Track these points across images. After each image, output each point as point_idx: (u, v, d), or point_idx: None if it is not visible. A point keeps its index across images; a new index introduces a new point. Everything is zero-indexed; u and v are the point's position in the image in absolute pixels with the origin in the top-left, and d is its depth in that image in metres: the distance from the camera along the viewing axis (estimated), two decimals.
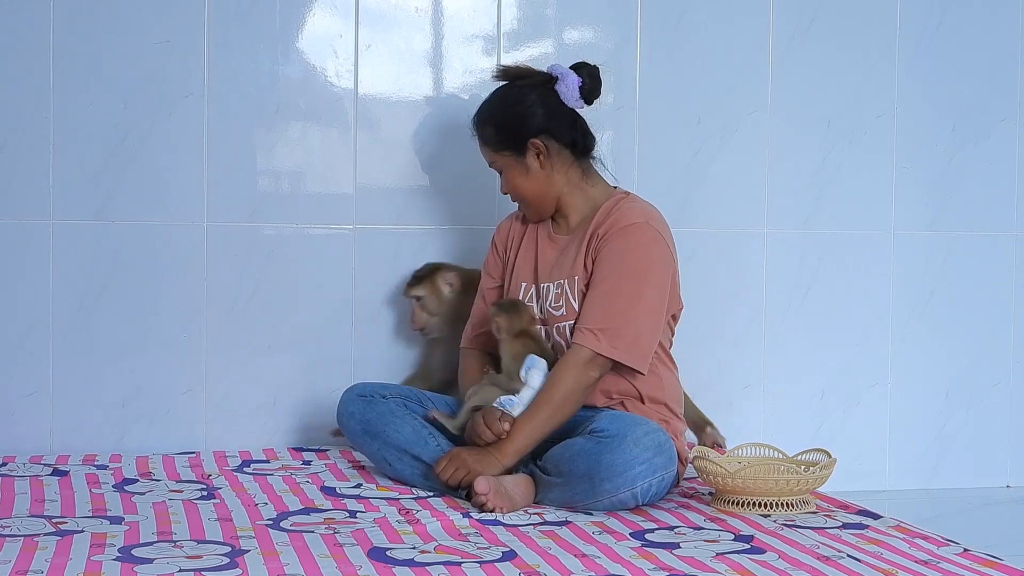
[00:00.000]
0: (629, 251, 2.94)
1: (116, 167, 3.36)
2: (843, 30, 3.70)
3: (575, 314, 2.98)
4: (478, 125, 3.12)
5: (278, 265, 3.46)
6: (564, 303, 3.01)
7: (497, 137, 3.07)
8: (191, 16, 3.38)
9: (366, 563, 2.34)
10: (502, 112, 3.07)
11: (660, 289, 2.95)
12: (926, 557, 2.48)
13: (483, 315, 3.17)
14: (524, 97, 3.06)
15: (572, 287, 3.00)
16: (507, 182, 3.10)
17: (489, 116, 3.09)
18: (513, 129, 3.05)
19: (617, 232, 2.96)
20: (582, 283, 2.99)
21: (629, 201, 3.04)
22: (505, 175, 3.10)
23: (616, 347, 2.90)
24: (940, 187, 3.78)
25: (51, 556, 2.35)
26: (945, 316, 3.80)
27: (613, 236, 2.96)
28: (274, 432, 3.45)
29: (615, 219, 2.98)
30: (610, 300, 2.91)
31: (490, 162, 3.13)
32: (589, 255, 2.99)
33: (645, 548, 2.51)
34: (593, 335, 2.90)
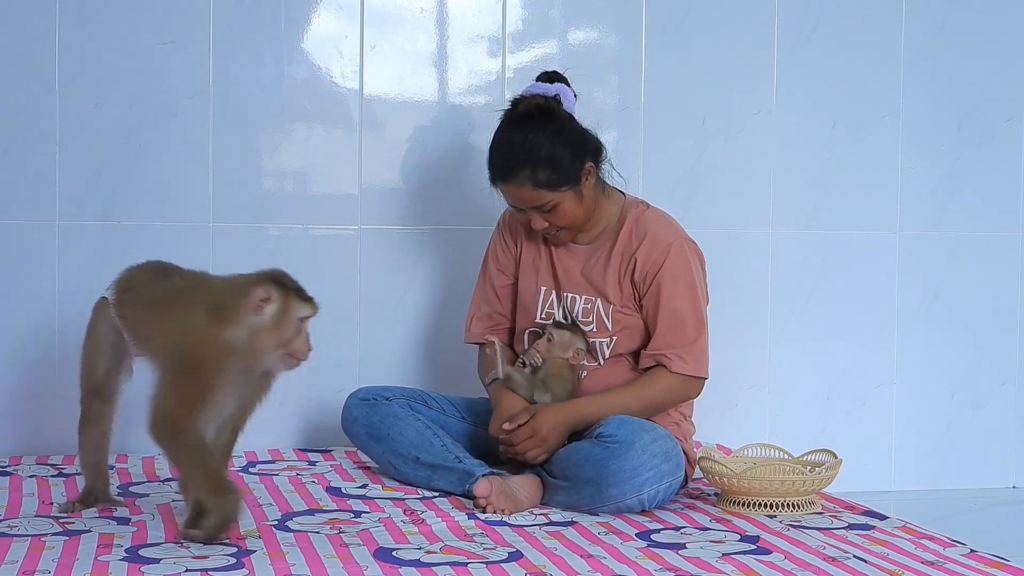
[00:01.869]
0: (679, 271, 2.95)
1: (121, 168, 3.37)
2: (848, 30, 3.69)
3: (607, 333, 2.99)
4: (525, 169, 2.87)
5: (283, 265, 3.40)
6: (595, 320, 3.01)
7: (554, 176, 2.88)
8: (196, 17, 3.38)
9: (372, 563, 2.34)
10: (558, 150, 2.90)
11: (705, 301, 3.02)
12: (932, 558, 2.47)
13: (493, 308, 3.16)
14: (568, 126, 2.93)
15: (606, 308, 3.00)
16: (558, 217, 2.93)
17: (543, 157, 2.88)
18: (569, 161, 2.91)
19: (660, 254, 2.95)
20: (618, 307, 2.99)
21: (650, 215, 3.03)
22: (556, 211, 2.92)
23: (700, 364, 2.96)
24: (945, 187, 3.78)
25: (58, 556, 2.35)
26: (951, 316, 3.80)
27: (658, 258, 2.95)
28: (280, 433, 3.45)
29: (651, 242, 2.97)
30: (682, 321, 2.94)
31: (539, 204, 2.91)
32: (625, 278, 2.99)
33: (651, 549, 2.51)
34: (680, 358, 2.94)
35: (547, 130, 2.91)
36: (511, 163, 2.90)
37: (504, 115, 2.98)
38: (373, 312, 3.51)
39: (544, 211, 2.93)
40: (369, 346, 3.51)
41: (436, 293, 3.54)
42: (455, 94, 3.56)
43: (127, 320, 2.63)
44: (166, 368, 2.48)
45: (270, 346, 2.46)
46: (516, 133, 2.92)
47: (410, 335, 3.53)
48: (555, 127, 2.92)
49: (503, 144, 2.94)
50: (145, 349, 2.60)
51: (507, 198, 2.98)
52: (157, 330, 2.54)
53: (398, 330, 3.53)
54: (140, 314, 2.61)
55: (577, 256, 3.06)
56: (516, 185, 2.91)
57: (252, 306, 2.45)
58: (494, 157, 2.96)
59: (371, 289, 3.51)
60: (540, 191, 2.90)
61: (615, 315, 2.99)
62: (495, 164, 2.95)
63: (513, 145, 2.91)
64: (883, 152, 3.73)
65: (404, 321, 3.52)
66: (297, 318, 2.47)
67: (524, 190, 2.91)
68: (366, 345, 3.50)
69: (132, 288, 2.66)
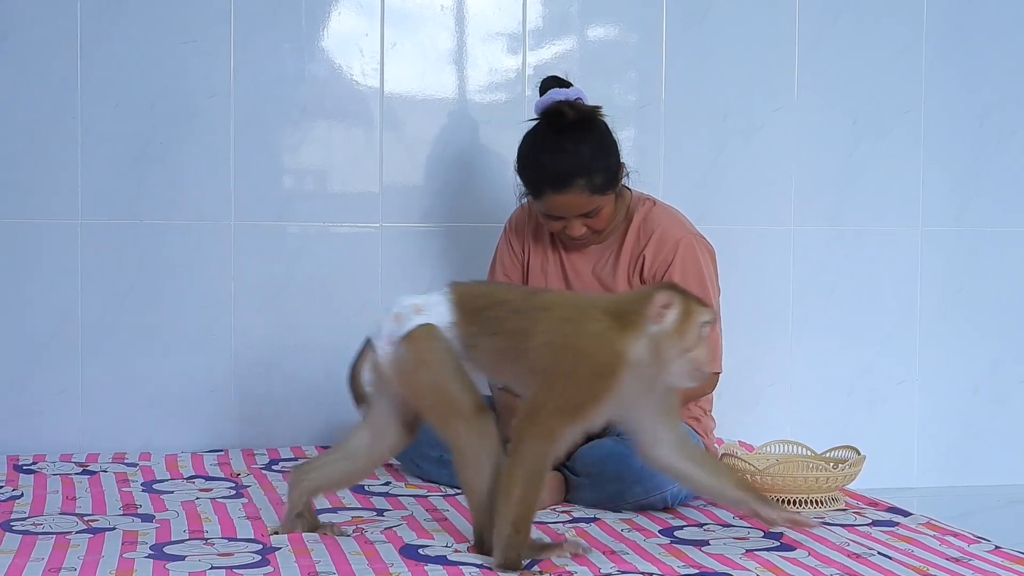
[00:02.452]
0: (688, 267, 2.94)
1: (143, 167, 3.37)
2: (869, 25, 3.68)
3: None
4: (584, 176, 2.85)
5: (304, 264, 3.47)
6: None
7: (605, 181, 2.88)
8: (217, 16, 3.39)
9: (398, 560, 2.34)
10: (608, 153, 2.89)
11: (716, 294, 3.00)
12: (957, 555, 2.47)
13: None
14: (607, 129, 2.93)
15: None
16: (598, 221, 2.93)
17: (600, 163, 2.87)
18: (616, 165, 2.92)
19: (669, 251, 2.94)
20: None
21: (658, 212, 3.02)
22: (597, 215, 2.91)
23: (714, 359, 2.93)
24: (967, 183, 3.76)
25: (83, 554, 2.36)
26: (973, 312, 3.79)
27: (667, 256, 2.94)
28: (302, 430, 3.46)
29: (659, 239, 2.96)
30: None
31: (588, 211, 2.90)
32: (635, 275, 2.98)
33: (674, 545, 2.50)
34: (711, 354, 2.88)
35: (595, 135, 2.90)
36: (567, 172, 2.85)
37: (544, 125, 2.92)
38: None
39: (589, 217, 2.92)
40: None
41: None
42: (475, 91, 3.56)
43: (484, 335, 2.42)
44: (549, 371, 2.33)
45: (674, 355, 2.33)
46: (567, 141, 2.87)
47: None
48: (600, 131, 2.92)
49: (554, 154, 2.87)
50: (513, 361, 2.41)
51: (553, 208, 2.91)
52: (540, 335, 2.36)
53: None
54: (513, 324, 2.40)
55: (587, 257, 3.06)
56: (573, 194, 2.86)
57: (654, 313, 2.32)
58: (544, 167, 2.88)
59: (392, 287, 3.51)
60: (594, 197, 2.88)
61: None
62: (547, 174, 2.87)
63: (567, 154, 2.86)
64: (904, 148, 3.72)
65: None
66: (700, 323, 2.36)
67: (580, 198, 2.87)
68: None
69: (491, 304, 2.44)
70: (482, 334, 2.41)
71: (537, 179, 2.89)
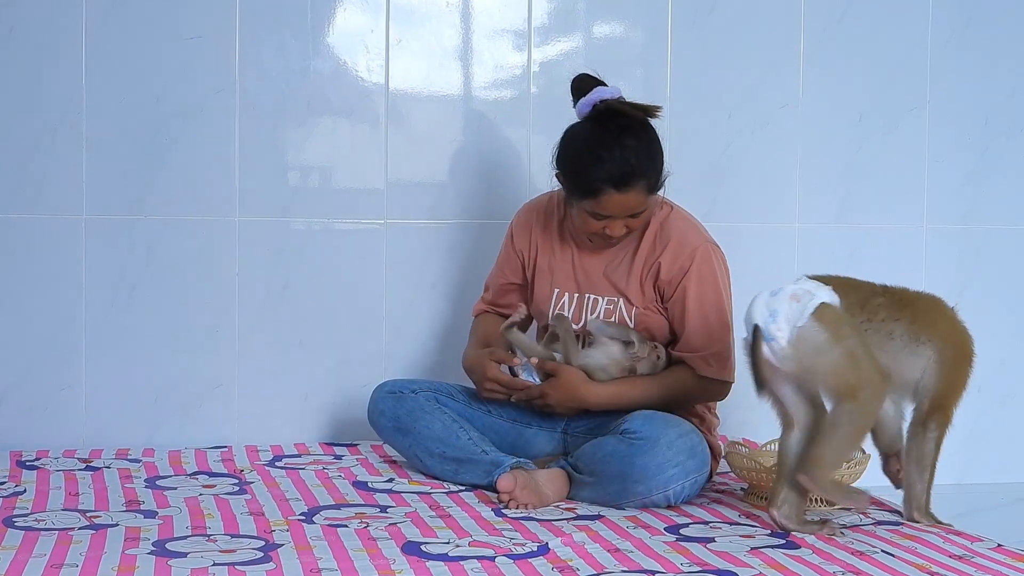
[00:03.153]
0: (705, 276, 2.96)
1: (148, 162, 3.37)
2: (875, 23, 3.68)
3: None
4: (645, 178, 2.85)
5: (310, 260, 3.47)
6: (617, 319, 3.00)
7: (658, 180, 2.90)
8: (222, 12, 3.39)
9: (400, 557, 2.34)
10: (659, 153, 2.91)
11: (730, 303, 3.01)
12: (961, 552, 2.46)
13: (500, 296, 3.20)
14: (655, 130, 2.94)
15: (628, 309, 3.00)
16: (639, 221, 2.92)
17: (657, 164, 2.88)
18: (662, 165, 2.92)
19: (686, 259, 2.95)
20: (641, 308, 2.99)
21: (675, 219, 3.02)
22: (641, 215, 2.91)
23: (725, 368, 2.97)
24: (973, 181, 3.76)
25: (86, 550, 2.36)
26: (978, 310, 3.73)
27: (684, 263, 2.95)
28: (306, 427, 3.46)
29: (676, 247, 2.96)
30: (708, 325, 2.95)
31: (639, 211, 2.89)
32: (648, 281, 2.98)
33: (679, 543, 2.50)
34: (706, 362, 2.95)
35: (651, 135, 2.92)
36: (631, 171, 2.84)
37: (600, 123, 2.90)
38: (399, 306, 3.51)
39: (634, 218, 2.92)
40: (394, 340, 3.51)
41: (462, 287, 3.53)
42: (480, 88, 3.55)
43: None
44: (956, 360, 2.78)
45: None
46: (629, 139, 2.86)
47: (436, 329, 3.53)
48: (653, 131, 2.93)
49: (622, 152, 2.84)
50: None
51: (608, 207, 2.87)
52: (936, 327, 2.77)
53: (424, 324, 3.53)
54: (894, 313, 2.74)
55: (599, 257, 3.05)
56: (633, 193, 2.86)
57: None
58: (606, 166, 2.85)
59: (397, 283, 3.51)
60: (648, 197, 2.89)
61: (638, 316, 2.99)
62: (610, 173, 2.84)
63: (630, 152, 2.85)
64: (911, 145, 3.71)
65: (430, 315, 3.53)
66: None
67: (638, 198, 2.87)
68: (392, 339, 3.51)
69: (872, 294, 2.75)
70: (872, 319, 2.67)
71: (598, 177, 2.85)
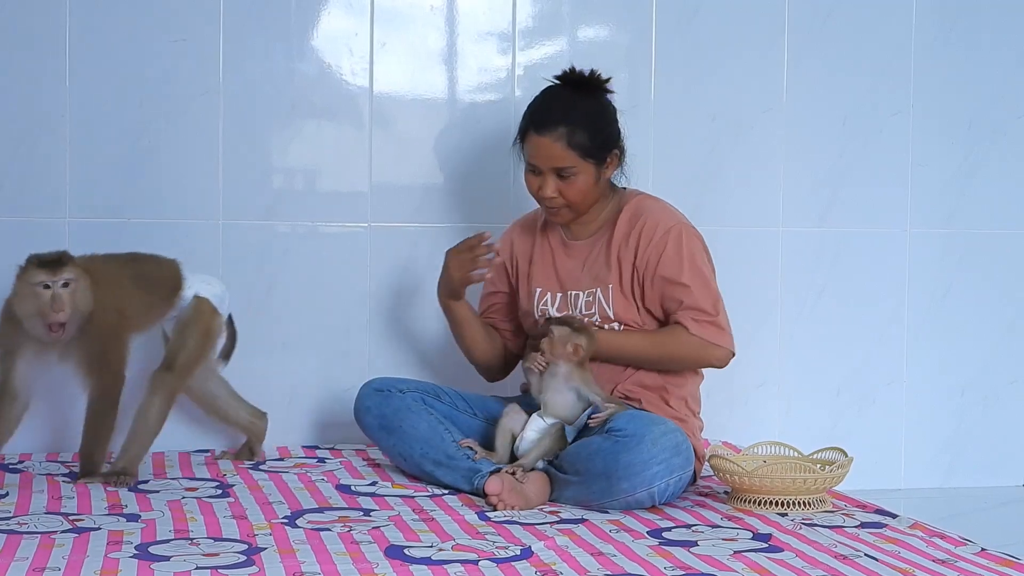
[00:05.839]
0: (683, 254, 2.97)
1: (132, 165, 3.37)
2: (858, 27, 3.69)
3: (608, 319, 3.01)
4: (566, 126, 2.95)
5: (293, 263, 3.47)
6: (597, 310, 3.03)
7: (588, 143, 2.96)
8: (206, 14, 3.38)
9: (383, 561, 2.34)
10: (602, 121, 3.00)
11: (712, 274, 3.04)
12: (944, 556, 2.47)
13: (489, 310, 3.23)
14: (612, 109, 3.04)
15: (606, 295, 3.02)
16: (571, 189, 2.98)
17: (585, 121, 2.96)
18: (606, 139, 3.00)
19: (660, 239, 2.97)
20: (617, 290, 3.01)
21: (647, 203, 3.05)
22: (572, 181, 2.97)
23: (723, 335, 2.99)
24: (956, 185, 3.77)
25: (68, 553, 2.35)
26: (961, 313, 3.79)
27: (658, 243, 2.97)
28: (290, 430, 3.45)
29: (651, 228, 2.99)
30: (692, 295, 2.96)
31: (562, 167, 2.96)
32: (626, 263, 3.00)
33: (662, 546, 2.50)
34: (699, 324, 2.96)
35: (596, 102, 3.02)
36: (554, 116, 2.97)
37: (558, 77, 3.05)
38: (382, 310, 3.51)
39: (562, 177, 2.97)
40: (378, 344, 3.51)
41: None
42: (465, 91, 3.55)
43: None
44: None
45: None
46: (567, 93, 3.01)
47: (419, 333, 3.53)
48: (603, 103, 3.03)
49: (552, 99, 3.02)
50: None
51: (532, 152, 2.99)
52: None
53: (407, 328, 3.52)
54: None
55: (576, 253, 3.09)
56: (551, 139, 2.96)
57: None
58: (537, 108, 3.01)
59: (381, 287, 3.51)
60: (570, 152, 2.95)
61: (616, 301, 3.00)
62: (536, 114, 3.00)
63: (562, 101, 2.99)
64: (894, 149, 3.72)
65: (413, 319, 3.52)
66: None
67: (556, 146, 2.95)
68: (375, 343, 3.50)
69: None
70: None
71: (526, 119, 3.02)
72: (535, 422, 2.93)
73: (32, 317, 2.85)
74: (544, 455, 2.89)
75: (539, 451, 2.89)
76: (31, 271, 2.85)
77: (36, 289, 2.83)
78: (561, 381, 2.92)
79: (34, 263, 2.86)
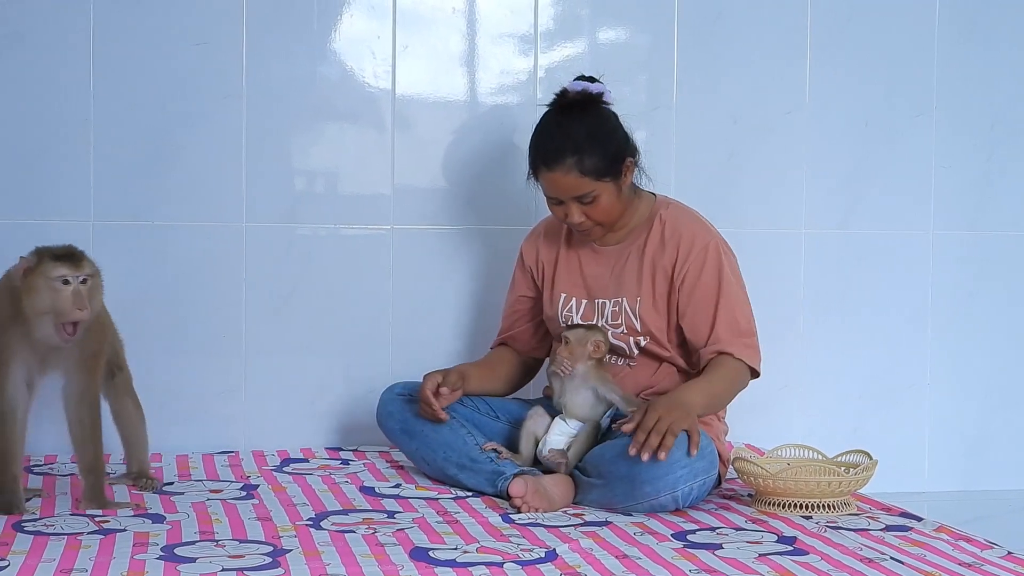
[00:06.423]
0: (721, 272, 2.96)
1: (155, 168, 3.38)
2: (881, 28, 3.68)
3: (635, 331, 3.00)
4: (573, 155, 2.89)
5: (316, 265, 3.47)
6: (623, 321, 3.01)
7: (599, 165, 2.91)
8: (229, 18, 3.39)
9: (408, 563, 2.34)
10: (605, 138, 2.93)
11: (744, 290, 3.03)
12: (970, 560, 2.46)
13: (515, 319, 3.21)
14: (613, 118, 2.98)
15: (634, 307, 3.00)
16: (596, 210, 2.95)
17: (591, 144, 2.91)
18: (616, 154, 2.94)
19: (697, 255, 2.96)
20: (648, 306, 2.99)
21: (681, 216, 3.03)
22: (595, 204, 2.94)
23: (757, 355, 2.99)
24: (979, 186, 3.75)
25: (95, 555, 2.36)
26: (984, 316, 3.78)
27: (695, 260, 2.96)
28: (312, 432, 3.46)
29: (688, 243, 2.97)
30: (734, 316, 2.96)
31: (581, 194, 2.92)
32: (659, 278, 2.99)
33: (687, 549, 2.50)
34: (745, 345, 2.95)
35: (595, 120, 2.95)
36: (559, 149, 2.91)
37: (550, 105, 3.01)
38: (405, 312, 3.51)
39: (584, 203, 2.94)
40: (401, 346, 3.51)
41: (468, 293, 3.54)
42: (487, 94, 3.55)
43: None
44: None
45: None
46: (564, 120, 2.95)
47: (442, 335, 3.53)
48: (602, 118, 2.97)
49: (551, 130, 2.96)
50: None
51: (548, 188, 2.97)
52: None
53: (430, 330, 3.52)
54: None
55: (604, 260, 3.07)
56: (562, 172, 2.91)
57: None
58: (540, 144, 2.96)
59: (403, 289, 3.51)
60: (585, 179, 2.91)
61: (644, 314, 2.99)
62: (541, 150, 2.95)
63: (562, 131, 2.93)
64: (916, 151, 3.71)
65: (436, 321, 3.52)
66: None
67: (569, 177, 2.91)
68: (398, 345, 3.51)
69: None
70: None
71: (533, 156, 2.98)
72: (559, 425, 2.93)
73: (45, 315, 2.61)
74: (577, 455, 2.89)
75: (577, 449, 2.90)
76: (48, 265, 2.62)
77: (54, 284, 2.61)
78: (579, 382, 2.93)
79: (49, 256, 2.63)
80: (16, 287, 2.66)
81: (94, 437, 2.77)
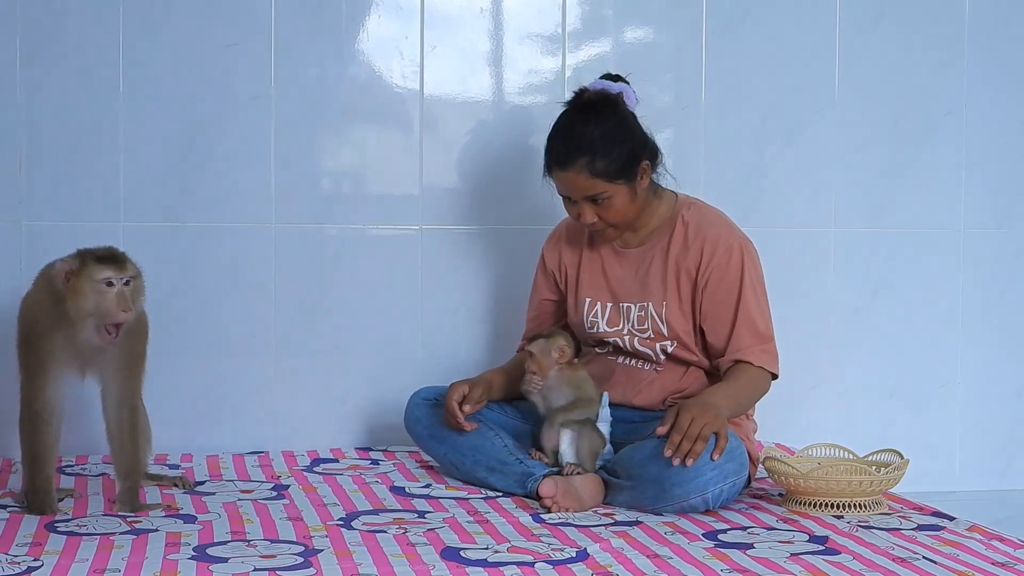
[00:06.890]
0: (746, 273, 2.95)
1: (185, 169, 3.39)
2: (911, 26, 3.66)
3: (664, 337, 2.99)
4: (585, 156, 2.89)
5: (346, 266, 3.48)
6: (650, 326, 3.00)
7: (613, 167, 2.90)
8: (257, 19, 3.40)
9: (439, 563, 2.34)
10: (620, 140, 2.92)
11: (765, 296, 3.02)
12: (1003, 559, 2.44)
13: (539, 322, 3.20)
14: (629, 119, 2.97)
15: (660, 311, 2.99)
16: (609, 211, 2.94)
17: (604, 146, 2.90)
18: (630, 155, 2.93)
19: (722, 256, 2.95)
20: (675, 310, 2.98)
21: (705, 216, 3.02)
22: (608, 205, 2.93)
23: (776, 360, 2.97)
24: (1010, 185, 3.73)
25: (127, 555, 2.37)
26: (1015, 315, 3.76)
27: (720, 261, 2.95)
28: (342, 432, 3.47)
29: (712, 245, 2.96)
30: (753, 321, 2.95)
31: (593, 195, 2.92)
32: (683, 280, 2.98)
33: (718, 549, 2.49)
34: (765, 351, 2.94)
35: (609, 121, 2.93)
36: (571, 150, 2.91)
37: (567, 105, 3.01)
38: (434, 312, 3.51)
39: (596, 204, 2.94)
40: (430, 346, 3.51)
41: (497, 293, 3.54)
42: (514, 93, 3.55)
43: None
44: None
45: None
46: (578, 121, 2.94)
47: (471, 335, 3.53)
48: (617, 120, 2.95)
49: (564, 131, 2.96)
50: None
51: (561, 187, 2.98)
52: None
53: (459, 330, 3.53)
54: None
55: (627, 262, 3.06)
56: (573, 172, 2.92)
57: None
58: (554, 144, 2.97)
59: (432, 289, 3.51)
60: (596, 180, 2.91)
61: (670, 318, 2.98)
62: (554, 150, 2.96)
63: (575, 133, 2.93)
64: (947, 150, 3.69)
65: (465, 321, 3.53)
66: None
67: (580, 178, 2.91)
68: (427, 345, 3.51)
69: None
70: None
71: (547, 155, 2.98)
72: (564, 436, 2.92)
73: (89, 317, 2.62)
74: (591, 454, 2.89)
75: (584, 454, 2.89)
76: (92, 267, 2.62)
77: (99, 287, 2.61)
78: (556, 390, 2.93)
79: (93, 259, 2.63)
80: (57, 290, 2.66)
81: (132, 440, 2.77)
